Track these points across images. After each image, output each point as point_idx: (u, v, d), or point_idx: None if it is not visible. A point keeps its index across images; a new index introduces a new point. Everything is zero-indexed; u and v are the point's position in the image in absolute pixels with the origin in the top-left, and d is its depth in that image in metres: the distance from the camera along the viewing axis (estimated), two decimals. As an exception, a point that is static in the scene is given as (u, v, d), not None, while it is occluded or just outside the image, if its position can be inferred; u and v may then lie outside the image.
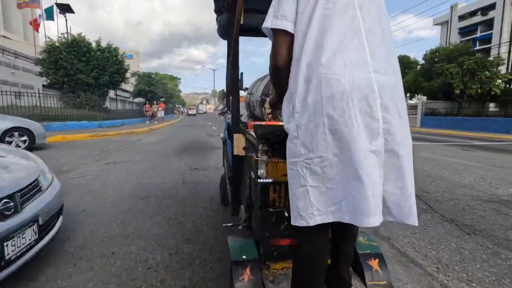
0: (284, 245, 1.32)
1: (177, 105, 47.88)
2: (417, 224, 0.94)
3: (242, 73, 2.53)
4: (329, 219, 0.95)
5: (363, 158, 0.88)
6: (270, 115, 1.68)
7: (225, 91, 2.92)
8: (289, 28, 0.99)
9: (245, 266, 1.22)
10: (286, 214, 1.26)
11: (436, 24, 44.01)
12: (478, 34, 38.06)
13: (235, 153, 1.64)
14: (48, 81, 15.23)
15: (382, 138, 0.92)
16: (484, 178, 4.70)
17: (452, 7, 41.48)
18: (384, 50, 0.97)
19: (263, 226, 1.28)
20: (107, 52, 16.03)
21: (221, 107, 3.00)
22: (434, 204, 3.35)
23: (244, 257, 1.26)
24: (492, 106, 20.28)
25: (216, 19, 2.30)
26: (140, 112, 20.23)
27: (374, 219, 0.88)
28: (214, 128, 16.32)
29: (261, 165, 1.22)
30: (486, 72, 18.64)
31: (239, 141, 1.62)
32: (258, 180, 1.23)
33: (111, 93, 20.37)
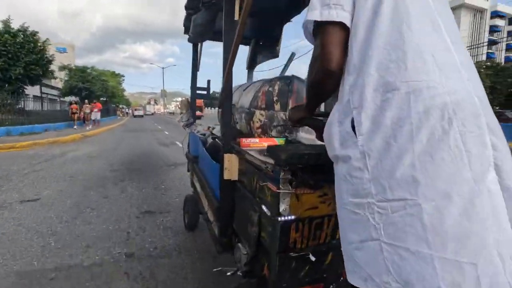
0: None
1: (120, 105, 42.87)
2: None
3: (209, 81, 2.75)
4: None
5: (478, 203, 0.55)
6: (260, 130, 1.60)
7: (189, 100, 2.80)
8: (347, 20, 0.69)
9: None
10: (313, 258, 1.03)
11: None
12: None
13: (226, 177, 1.36)
14: None
15: (494, 171, 0.58)
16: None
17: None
18: (464, 50, 0.70)
19: (281, 276, 1.03)
20: (22, 37, 12.45)
21: (185, 118, 2.73)
22: None
23: None
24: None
25: (187, 18, 2.12)
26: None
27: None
28: (167, 133, 13.93)
29: (284, 198, 0.96)
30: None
31: (231, 162, 1.36)
32: (279, 219, 0.97)
33: (34, 90, 16.33)
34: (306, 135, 1.47)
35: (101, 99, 24.58)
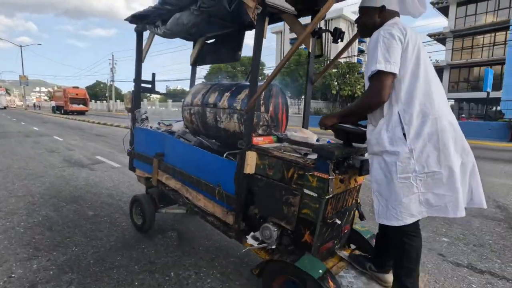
0: (324, 250, 1.60)
1: None
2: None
3: (154, 74, 2.84)
4: (434, 213, 1.27)
5: (458, 171, 1.25)
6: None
7: (132, 94, 2.75)
8: (397, 71, 1.25)
9: (327, 277, 1.32)
10: (339, 222, 1.52)
11: (272, 33, 49.19)
12: (303, 46, 45.85)
13: (247, 171, 1.64)
14: None
15: (460, 155, 1.29)
16: None
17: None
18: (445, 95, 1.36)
19: (319, 239, 1.49)
20: None
21: (139, 114, 2.75)
22: None
23: (320, 271, 1.34)
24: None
25: (157, 11, 2.11)
26: None
27: (463, 211, 1.25)
28: (61, 139, 9.02)
29: (331, 182, 1.36)
30: (353, 76, 20.95)
31: (252, 159, 1.64)
32: (326, 197, 1.37)
33: None
34: (298, 134, 1.85)
35: None
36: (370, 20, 1.37)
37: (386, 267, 1.53)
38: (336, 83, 20.45)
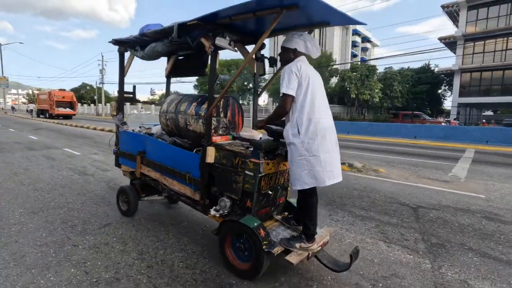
0: (263, 213, 2.25)
1: None
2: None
3: (135, 86, 3.40)
4: (318, 184, 1.98)
5: (333, 156, 2.01)
6: (213, 130, 2.44)
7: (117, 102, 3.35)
8: (294, 94, 1.96)
9: (259, 227, 1.98)
10: (270, 193, 2.24)
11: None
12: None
13: (208, 161, 2.25)
14: None
15: (336, 144, 2.08)
16: None
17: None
18: (327, 101, 2.12)
19: (257, 205, 2.13)
20: None
21: (120, 118, 3.28)
22: None
23: (255, 224, 1.99)
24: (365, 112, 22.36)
25: (136, 41, 2.85)
26: None
27: (334, 180, 2.01)
28: (78, 153, 7.23)
29: (261, 165, 2.01)
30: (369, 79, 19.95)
31: (212, 152, 2.25)
32: (259, 175, 2.01)
33: None
34: (247, 133, 2.45)
35: None
36: (287, 56, 2.11)
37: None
38: (354, 86, 19.37)
